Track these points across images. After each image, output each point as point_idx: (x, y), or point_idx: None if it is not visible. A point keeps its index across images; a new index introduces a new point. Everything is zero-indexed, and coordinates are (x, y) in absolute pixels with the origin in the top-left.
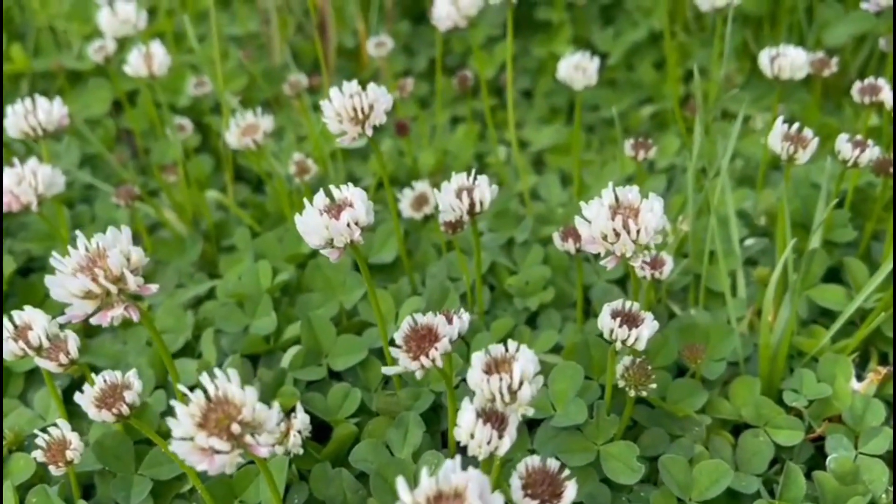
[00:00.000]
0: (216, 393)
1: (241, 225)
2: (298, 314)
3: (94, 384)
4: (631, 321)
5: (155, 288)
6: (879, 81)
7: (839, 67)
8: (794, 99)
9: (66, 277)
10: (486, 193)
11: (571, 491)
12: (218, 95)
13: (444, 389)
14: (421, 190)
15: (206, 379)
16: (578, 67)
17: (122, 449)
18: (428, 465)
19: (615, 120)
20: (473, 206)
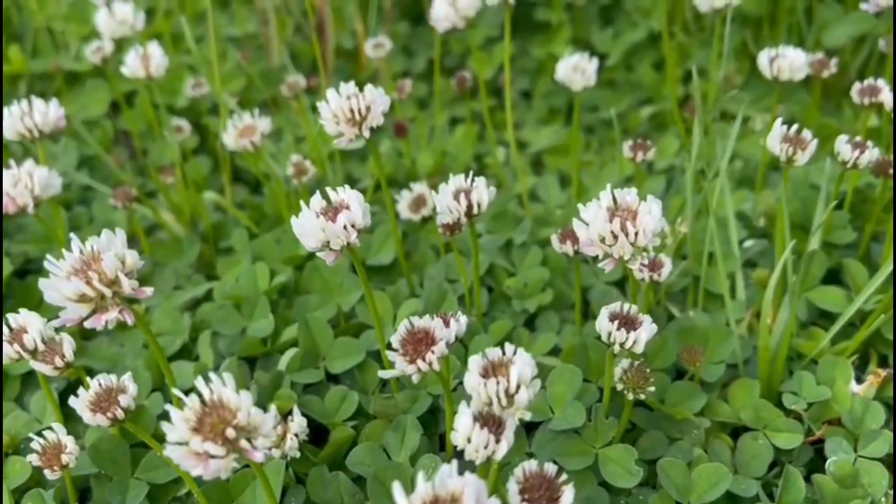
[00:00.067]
0: (211, 397)
1: (238, 226)
2: (296, 316)
3: (89, 388)
4: (629, 324)
5: (150, 291)
6: (879, 82)
7: (839, 68)
8: (793, 100)
9: (60, 281)
10: (483, 195)
11: (569, 495)
12: (215, 97)
13: (441, 392)
14: (419, 191)
15: (201, 383)
16: (577, 68)
17: (117, 452)
18: (425, 469)
19: (614, 121)
20: (471, 208)
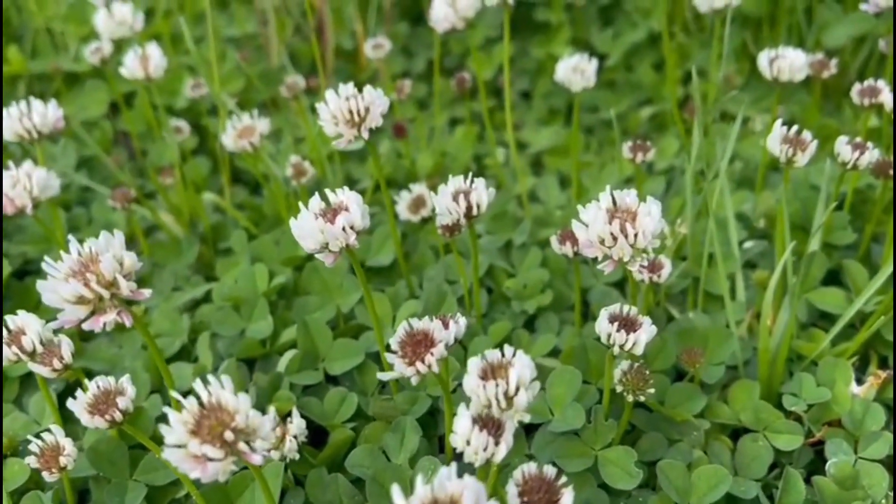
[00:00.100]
0: (209, 399)
1: (237, 227)
2: (295, 318)
3: (87, 390)
4: (629, 326)
5: (148, 293)
6: (879, 83)
7: (839, 68)
8: (793, 100)
9: (57, 282)
10: (483, 196)
11: (568, 498)
12: (215, 97)
13: (441, 394)
14: (418, 192)
15: (199, 385)
16: (577, 69)
17: (116, 454)
18: (424, 471)
19: (613, 122)
20: (470, 209)
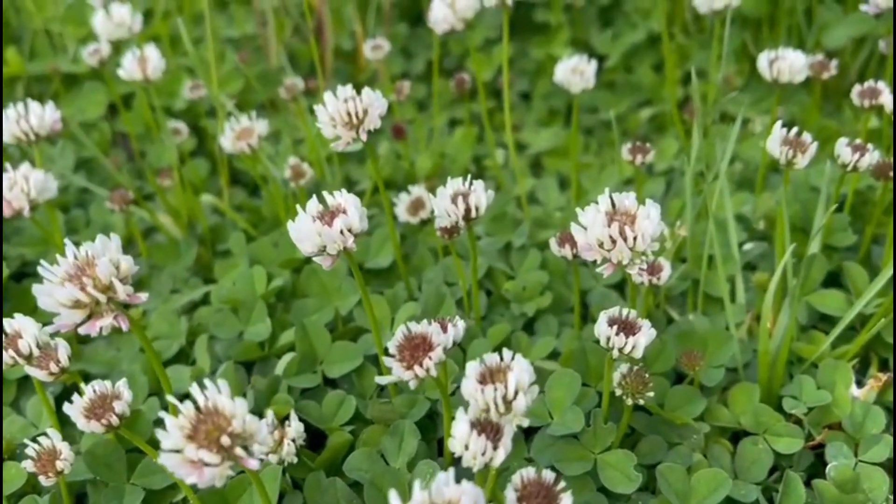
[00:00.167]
0: (206, 404)
1: (236, 229)
2: (293, 320)
3: (84, 395)
4: (628, 329)
5: (144, 297)
6: (879, 85)
7: (839, 70)
8: (793, 101)
9: (53, 286)
10: (481, 199)
11: (567, 502)
12: (213, 99)
13: (440, 397)
14: (417, 194)
15: (196, 390)
16: (576, 71)
17: (113, 458)
18: (423, 475)
19: (613, 124)
20: (469, 211)
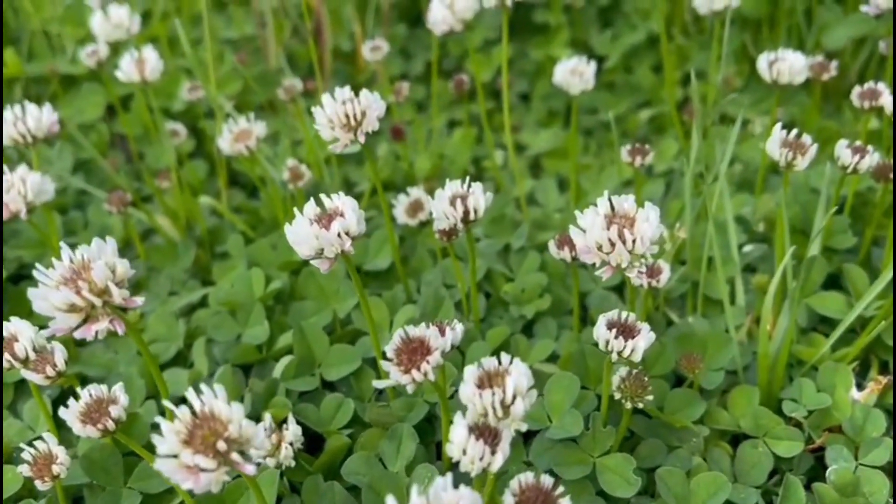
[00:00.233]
0: (202, 409)
1: (234, 231)
2: (291, 323)
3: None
4: (627, 332)
5: (140, 301)
6: (879, 86)
7: (839, 71)
8: (793, 102)
9: (49, 290)
10: (480, 201)
11: None
12: (211, 100)
13: (438, 400)
14: (416, 196)
15: (192, 394)
16: (575, 72)
17: (110, 462)
18: (421, 479)
19: (612, 125)
20: (467, 213)
